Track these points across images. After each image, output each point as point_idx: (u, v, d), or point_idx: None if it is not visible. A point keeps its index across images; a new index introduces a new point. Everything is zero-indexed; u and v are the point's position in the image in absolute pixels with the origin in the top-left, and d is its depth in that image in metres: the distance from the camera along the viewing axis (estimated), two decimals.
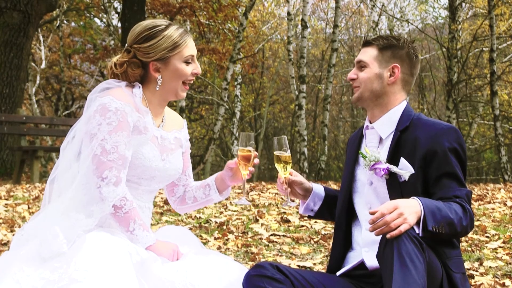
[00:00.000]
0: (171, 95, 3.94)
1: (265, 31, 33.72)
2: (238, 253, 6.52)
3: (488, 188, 12.20)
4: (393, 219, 3.39)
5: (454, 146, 3.75)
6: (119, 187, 3.67)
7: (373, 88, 3.94)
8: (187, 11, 23.87)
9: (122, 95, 3.76)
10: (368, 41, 4.01)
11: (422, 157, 3.76)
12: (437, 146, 3.75)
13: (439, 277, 3.56)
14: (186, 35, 3.88)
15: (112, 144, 3.65)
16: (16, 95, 17.20)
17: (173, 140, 4.03)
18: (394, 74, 3.94)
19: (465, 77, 24.68)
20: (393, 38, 3.99)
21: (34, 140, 28.21)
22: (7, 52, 17.06)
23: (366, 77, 3.95)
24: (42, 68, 31.34)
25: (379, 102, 3.96)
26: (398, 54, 3.96)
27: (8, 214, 8.34)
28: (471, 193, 3.76)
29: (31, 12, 17.28)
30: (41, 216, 3.78)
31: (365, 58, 3.97)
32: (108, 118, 3.67)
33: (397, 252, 3.32)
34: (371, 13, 29.22)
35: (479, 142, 30.30)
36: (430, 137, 3.77)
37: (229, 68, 21.89)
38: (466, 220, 3.59)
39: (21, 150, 14.25)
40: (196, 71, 3.91)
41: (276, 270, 3.68)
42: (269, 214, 8.39)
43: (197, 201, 4.24)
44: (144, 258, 3.58)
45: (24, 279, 3.43)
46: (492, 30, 20.05)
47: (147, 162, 3.83)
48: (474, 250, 6.46)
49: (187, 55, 3.86)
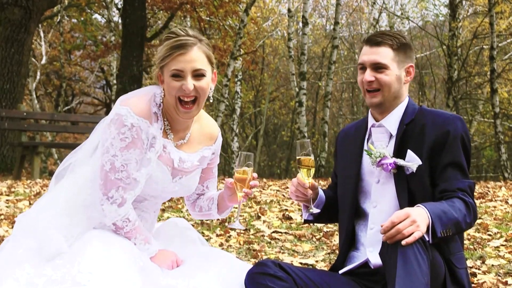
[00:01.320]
0: (173, 112, 3.73)
1: (266, 28, 33.68)
2: (240, 250, 6.51)
3: (489, 186, 12.20)
4: (406, 227, 3.38)
5: (461, 134, 3.76)
6: (122, 208, 3.61)
7: (394, 90, 3.89)
8: (188, 7, 23.82)
9: (140, 107, 3.64)
10: (378, 40, 3.89)
11: (431, 147, 3.76)
12: (445, 134, 3.75)
13: (442, 274, 3.57)
14: (181, 48, 3.63)
15: (122, 161, 3.58)
16: (16, 90, 17.21)
17: (197, 161, 3.91)
18: (410, 74, 3.93)
19: (465, 75, 24.70)
20: (400, 36, 3.93)
21: (35, 136, 28.22)
22: (8, 48, 17.06)
23: (389, 79, 3.86)
24: (42, 63, 31.31)
25: (395, 102, 3.93)
26: (408, 52, 3.93)
27: (10, 210, 8.34)
28: (474, 184, 3.76)
29: (32, 7, 17.29)
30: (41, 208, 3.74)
31: (384, 60, 3.86)
32: (122, 133, 3.58)
33: (401, 251, 3.33)
34: (372, 10, 29.24)
35: (479, 140, 30.31)
36: (437, 126, 3.78)
37: (229, 65, 21.88)
38: (470, 216, 3.61)
39: (21, 146, 14.24)
40: (184, 87, 3.62)
41: (278, 268, 3.68)
42: (271, 211, 8.39)
43: (201, 211, 4.15)
44: (147, 263, 3.57)
45: (24, 277, 3.40)
46: (492, 28, 20.05)
47: (154, 184, 3.75)
48: (476, 248, 6.46)
49: (172, 68, 3.63)
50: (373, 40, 3.91)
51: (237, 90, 26.43)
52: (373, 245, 3.86)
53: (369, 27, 31.47)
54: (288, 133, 35.80)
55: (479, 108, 28.60)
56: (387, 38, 3.89)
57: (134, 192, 3.64)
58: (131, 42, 19.53)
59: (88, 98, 38.47)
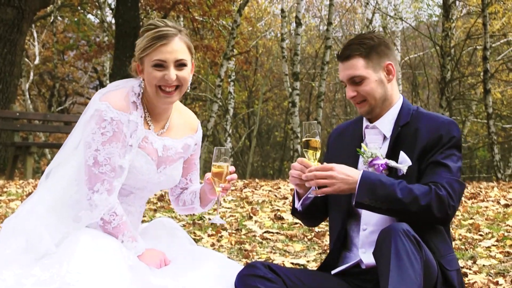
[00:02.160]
0: (155, 101, 3.78)
1: (259, 27, 33.70)
2: (231, 250, 6.51)
3: (481, 186, 12.21)
4: (321, 178, 3.54)
5: (454, 140, 3.75)
6: (112, 196, 3.62)
7: (380, 95, 3.87)
8: (181, 7, 23.82)
9: (119, 102, 3.67)
10: (347, 54, 3.88)
11: (422, 149, 3.75)
12: (437, 138, 3.74)
13: (434, 274, 3.57)
14: (163, 38, 3.68)
15: (105, 155, 3.59)
16: (9, 90, 17.18)
17: (181, 148, 3.94)
18: (390, 72, 3.90)
19: (459, 75, 24.74)
20: (367, 39, 3.89)
21: (27, 136, 28.20)
22: (0, 48, 17.04)
23: (369, 88, 3.85)
24: (35, 64, 31.26)
25: (385, 104, 3.91)
26: (381, 51, 3.89)
27: (2, 210, 8.33)
28: (460, 184, 3.71)
29: (25, 7, 17.26)
30: (29, 208, 3.72)
31: (357, 72, 3.85)
32: (103, 128, 3.60)
33: (394, 250, 3.33)
34: (365, 10, 29.26)
35: (472, 140, 30.37)
36: (431, 130, 3.76)
37: (222, 65, 21.88)
38: (425, 200, 3.56)
39: (14, 146, 14.24)
40: (167, 77, 3.68)
41: (268, 270, 3.68)
42: (262, 211, 8.39)
43: (185, 205, 4.16)
44: (137, 263, 3.56)
45: (12, 277, 3.38)
46: (486, 29, 20.10)
47: (140, 175, 3.76)
48: (468, 248, 6.47)
49: (154, 59, 3.67)
50: (342, 55, 3.90)
51: (230, 91, 26.42)
52: (366, 246, 3.85)
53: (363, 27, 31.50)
54: (282, 134, 35.84)
55: (472, 108, 28.65)
56: (355, 48, 3.86)
57: (121, 179, 3.65)
58: (124, 42, 19.52)
59: (82, 99, 38.41)
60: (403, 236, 3.35)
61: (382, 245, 3.40)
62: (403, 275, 3.27)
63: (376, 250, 3.46)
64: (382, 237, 3.42)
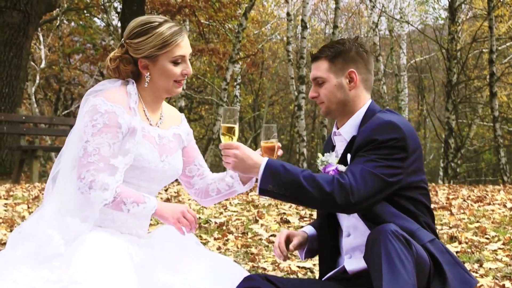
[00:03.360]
0: (162, 93, 3.86)
1: (265, 31, 33.73)
2: (238, 253, 6.50)
3: (488, 190, 12.20)
4: (226, 154, 3.72)
5: (376, 141, 3.69)
6: (106, 194, 3.58)
7: (338, 99, 3.92)
8: (187, 11, 23.86)
9: (114, 96, 3.72)
10: (316, 55, 3.99)
11: (354, 151, 3.76)
12: (364, 141, 3.73)
13: (427, 267, 3.53)
14: (179, 34, 3.79)
15: (94, 146, 3.59)
16: (15, 94, 17.18)
17: (172, 137, 3.96)
18: (353, 79, 3.92)
19: (465, 78, 24.70)
20: (338, 44, 3.95)
21: (33, 140, 28.21)
22: (6, 52, 17.05)
23: (327, 91, 3.93)
24: (41, 67, 31.33)
25: (346, 109, 3.94)
26: (349, 58, 3.92)
27: (8, 213, 8.33)
28: (374, 175, 3.64)
29: (31, 11, 17.28)
30: (37, 215, 3.73)
31: (320, 73, 3.95)
32: (94, 120, 3.62)
33: (385, 252, 3.31)
34: (371, 14, 29.24)
35: (478, 143, 30.34)
36: (364, 132, 3.76)
37: (228, 68, 21.90)
38: (328, 187, 3.56)
39: (20, 150, 14.23)
40: (186, 72, 3.83)
41: (265, 281, 3.68)
42: (268, 215, 8.38)
43: (220, 193, 4.15)
44: (144, 261, 3.57)
45: (22, 279, 3.39)
46: (492, 32, 20.07)
47: (146, 163, 3.76)
48: (474, 251, 6.45)
49: (175, 55, 3.78)
50: (312, 56, 4.02)
51: (236, 94, 26.44)
52: (349, 251, 3.89)
53: (368, 30, 31.50)
54: (288, 137, 35.85)
55: (478, 111, 28.61)
56: (324, 50, 3.96)
57: (115, 178, 3.62)
58: None
59: None
60: (392, 237, 3.33)
61: (372, 249, 3.38)
62: (396, 278, 3.26)
63: (367, 254, 3.44)
64: (371, 240, 3.41)
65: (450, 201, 9.81)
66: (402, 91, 27.86)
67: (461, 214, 8.45)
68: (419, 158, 3.80)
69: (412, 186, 3.76)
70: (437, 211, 8.69)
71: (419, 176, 3.79)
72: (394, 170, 3.66)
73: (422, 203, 3.79)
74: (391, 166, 3.67)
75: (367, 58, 3.98)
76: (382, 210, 3.69)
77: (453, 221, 7.87)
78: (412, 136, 3.75)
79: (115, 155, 3.65)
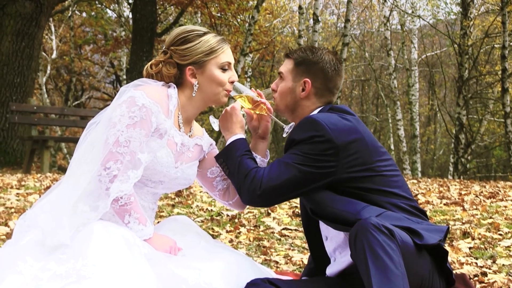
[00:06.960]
0: (210, 101, 3.95)
1: (276, 24, 33.69)
2: (250, 246, 6.51)
3: (499, 186, 12.16)
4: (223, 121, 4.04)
5: (302, 138, 3.76)
6: (125, 186, 3.59)
7: (287, 102, 4.06)
8: (199, 3, 23.84)
9: (154, 93, 3.74)
10: (289, 53, 4.12)
11: (284, 152, 3.89)
12: (288, 141, 3.86)
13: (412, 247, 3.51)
14: (224, 42, 3.91)
15: (126, 137, 3.59)
16: (27, 84, 17.21)
17: (192, 147, 3.99)
18: (305, 88, 4.01)
19: (476, 74, 24.64)
20: (310, 52, 4.04)
21: (44, 130, 28.28)
22: (18, 42, 17.06)
23: (281, 90, 4.07)
24: (53, 58, 31.40)
25: (295, 114, 4.07)
26: (312, 69, 4.01)
27: (20, 203, 8.35)
28: (291, 166, 3.74)
29: (44, 1, 17.29)
30: (45, 203, 3.73)
31: (283, 70, 4.10)
32: (132, 112, 3.62)
33: (368, 247, 3.28)
34: (383, 8, 29.15)
35: (488, 139, 30.25)
36: (292, 132, 3.89)
37: (239, 61, 21.88)
38: (245, 179, 3.77)
39: (31, 140, 14.24)
40: (232, 79, 3.92)
41: (268, 284, 3.68)
42: (280, 208, 8.38)
43: None
44: (152, 251, 3.54)
45: (28, 270, 3.37)
46: (504, 27, 20.02)
47: (159, 167, 3.77)
48: (487, 247, 6.43)
49: (223, 61, 3.88)
50: (286, 53, 4.17)
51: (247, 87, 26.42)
52: (332, 254, 3.95)
53: (380, 25, 31.44)
54: None
55: (489, 107, 28.50)
56: (297, 52, 4.10)
57: (137, 173, 3.63)
58: (141, 37, 19.56)
59: (98, 93, 38.57)
60: (373, 230, 3.29)
61: (355, 246, 3.35)
62: (384, 271, 3.22)
63: (352, 252, 3.42)
64: (353, 237, 3.38)
65: (462, 196, 9.78)
66: (413, 85, 27.80)
67: (473, 210, 8.43)
68: (361, 150, 3.78)
69: (357, 177, 3.77)
70: (450, 207, 8.67)
71: (365, 166, 3.78)
72: (318, 163, 3.72)
73: (379, 190, 3.79)
74: (315, 159, 3.72)
75: (331, 76, 4.05)
76: (323, 198, 3.77)
77: (466, 217, 7.85)
78: (343, 130, 3.76)
79: (143, 151, 3.66)
